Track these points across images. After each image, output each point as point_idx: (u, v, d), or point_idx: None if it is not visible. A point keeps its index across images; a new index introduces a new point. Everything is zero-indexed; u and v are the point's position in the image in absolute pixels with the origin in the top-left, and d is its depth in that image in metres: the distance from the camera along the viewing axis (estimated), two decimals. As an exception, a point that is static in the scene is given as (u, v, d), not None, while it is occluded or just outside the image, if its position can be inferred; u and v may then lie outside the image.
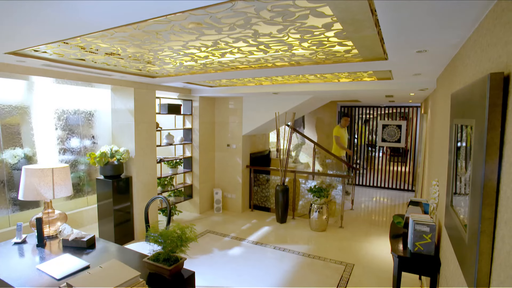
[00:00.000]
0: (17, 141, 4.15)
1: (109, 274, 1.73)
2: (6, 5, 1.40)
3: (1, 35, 1.92)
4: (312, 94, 4.85)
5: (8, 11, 1.48)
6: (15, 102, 4.11)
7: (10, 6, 1.41)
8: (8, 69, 2.91)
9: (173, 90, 4.80)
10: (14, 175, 4.10)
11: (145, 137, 4.45)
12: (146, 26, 1.71)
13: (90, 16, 1.52)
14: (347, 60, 2.55)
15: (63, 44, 2.15)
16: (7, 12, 1.49)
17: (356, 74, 3.36)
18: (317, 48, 2.21)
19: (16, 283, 1.89)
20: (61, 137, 4.66)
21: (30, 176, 2.56)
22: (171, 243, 1.98)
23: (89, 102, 4.96)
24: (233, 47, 2.19)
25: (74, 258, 2.22)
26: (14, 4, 1.39)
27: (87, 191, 5.05)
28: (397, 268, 2.28)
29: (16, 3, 1.39)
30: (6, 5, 1.40)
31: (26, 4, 1.39)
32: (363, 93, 4.64)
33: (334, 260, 3.88)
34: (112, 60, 2.77)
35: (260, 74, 3.32)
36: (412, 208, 2.69)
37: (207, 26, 1.69)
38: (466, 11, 1.29)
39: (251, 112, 5.61)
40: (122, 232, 4.24)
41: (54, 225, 2.70)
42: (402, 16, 1.38)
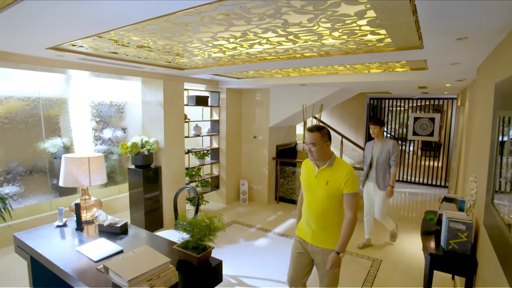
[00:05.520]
0: (57, 132, 4.41)
1: (141, 259, 1.81)
2: (48, 3, 1.47)
3: (43, 31, 2.03)
4: (340, 86, 4.72)
5: (49, 8, 1.55)
6: (55, 95, 4.35)
7: (51, 4, 1.48)
8: (49, 64, 3.08)
9: (201, 82, 4.86)
10: (54, 163, 4.36)
11: (174, 128, 4.56)
12: (176, 18, 1.73)
13: (124, 9, 1.56)
14: (379, 49, 2.45)
15: (97, 38, 2.23)
16: (49, 9, 1.57)
17: (388, 65, 3.22)
18: (348, 38, 2.13)
19: (59, 263, 2.03)
20: (95, 128, 4.89)
21: (69, 164, 2.71)
22: (200, 232, 2.03)
23: (120, 95, 5.15)
24: (262, 38, 2.17)
25: (109, 242, 2.34)
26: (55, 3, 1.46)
27: (119, 180, 5.28)
28: (428, 266, 2.20)
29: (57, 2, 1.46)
30: (48, 3, 1.47)
31: (66, 2, 1.45)
32: (394, 84, 4.45)
33: (361, 254, 3.82)
34: (143, 53, 2.84)
35: (288, 65, 3.27)
36: (446, 205, 2.57)
37: (237, 16, 1.69)
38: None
39: (278, 104, 5.58)
40: (151, 220, 4.40)
41: (91, 210, 2.85)
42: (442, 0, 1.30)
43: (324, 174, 2.05)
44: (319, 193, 2.06)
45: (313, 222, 2.12)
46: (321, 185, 2.04)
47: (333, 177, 2.01)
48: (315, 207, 2.09)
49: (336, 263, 1.99)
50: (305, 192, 2.17)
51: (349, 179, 1.96)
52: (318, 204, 2.08)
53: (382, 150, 3.76)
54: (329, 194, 2.02)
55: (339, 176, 1.99)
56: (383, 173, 3.78)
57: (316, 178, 2.08)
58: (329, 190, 2.01)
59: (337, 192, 2.00)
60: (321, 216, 2.08)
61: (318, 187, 2.06)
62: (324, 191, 2.03)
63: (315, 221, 2.10)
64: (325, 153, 2.03)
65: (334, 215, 2.07)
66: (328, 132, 2.09)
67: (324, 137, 2.03)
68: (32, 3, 1.49)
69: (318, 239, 2.11)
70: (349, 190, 1.97)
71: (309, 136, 2.03)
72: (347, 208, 2.00)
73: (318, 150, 2.01)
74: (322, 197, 2.05)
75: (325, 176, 2.04)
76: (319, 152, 2.01)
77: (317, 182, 2.07)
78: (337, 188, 1.99)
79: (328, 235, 2.08)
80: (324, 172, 2.05)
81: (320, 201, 2.07)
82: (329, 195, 2.02)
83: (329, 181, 2.01)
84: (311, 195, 2.12)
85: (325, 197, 2.04)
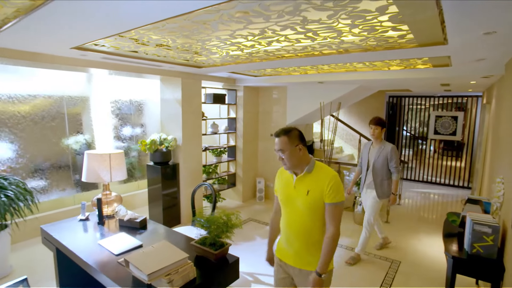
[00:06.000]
0: (79, 129, 4.56)
1: (160, 253, 1.84)
2: (73, 4, 1.52)
3: (68, 31, 2.09)
4: (359, 83, 4.64)
5: (75, 9, 1.60)
6: (77, 93, 4.49)
7: (77, 5, 1.53)
8: (73, 63, 3.18)
9: (218, 80, 4.89)
10: (77, 159, 4.52)
11: (191, 126, 4.62)
12: (195, 16, 1.75)
13: (145, 9, 1.59)
14: (400, 46, 2.39)
15: (119, 37, 2.29)
16: (74, 10, 1.62)
17: (409, 61, 3.13)
18: (368, 34, 2.09)
19: (82, 255, 2.10)
20: (115, 125, 5.02)
21: (91, 160, 2.80)
22: (217, 229, 2.05)
23: (139, 93, 5.26)
24: (280, 35, 2.16)
25: (129, 236, 2.40)
26: (81, 3, 1.51)
27: (137, 176, 5.41)
28: (451, 269, 2.13)
29: (82, 3, 1.50)
30: (73, 4, 1.52)
31: (91, 2, 1.49)
32: (415, 81, 4.33)
33: (379, 255, 3.75)
34: (162, 51, 2.89)
35: (306, 63, 3.24)
36: (470, 207, 2.48)
37: (255, 14, 1.68)
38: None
39: (295, 102, 5.54)
40: (169, 216, 4.48)
41: (111, 205, 2.94)
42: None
43: (304, 182, 1.74)
44: (299, 206, 1.74)
45: (295, 240, 1.78)
46: (301, 196, 1.72)
47: (315, 184, 1.70)
48: (297, 223, 1.76)
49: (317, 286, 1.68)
50: (283, 206, 1.85)
51: (333, 186, 1.65)
52: (300, 219, 1.75)
53: (380, 154, 3.42)
54: (311, 205, 1.69)
55: (321, 183, 1.68)
56: (380, 179, 3.44)
57: (295, 188, 1.76)
58: (311, 201, 1.69)
59: (320, 202, 1.69)
60: (304, 233, 1.75)
61: (297, 198, 1.74)
62: (305, 203, 1.71)
63: (297, 239, 1.77)
64: (299, 159, 1.72)
65: (320, 230, 1.74)
66: (300, 134, 1.76)
67: (294, 140, 1.71)
68: (59, 3, 1.54)
69: (302, 261, 1.78)
70: (331, 199, 1.65)
71: (276, 142, 1.74)
72: (328, 221, 1.68)
73: (288, 157, 1.70)
74: (303, 210, 1.73)
75: (305, 185, 1.73)
76: (291, 159, 1.71)
77: (297, 192, 1.75)
78: (319, 197, 1.68)
79: (314, 256, 1.75)
80: (304, 180, 1.74)
81: (301, 214, 1.74)
82: (311, 206, 1.70)
83: (310, 190, 1.70)
84: (291, 209, 1.79)
85: (307, 209, 1.71)
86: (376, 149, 3.47)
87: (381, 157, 3.41)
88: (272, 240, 2.05)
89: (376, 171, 3.44)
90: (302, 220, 1.75)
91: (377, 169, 3.44)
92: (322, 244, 1.71)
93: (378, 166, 3.43)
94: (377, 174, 3.44)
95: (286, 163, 1.73)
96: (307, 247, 1.77)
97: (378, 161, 3.42)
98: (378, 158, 3.43)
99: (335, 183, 1.67)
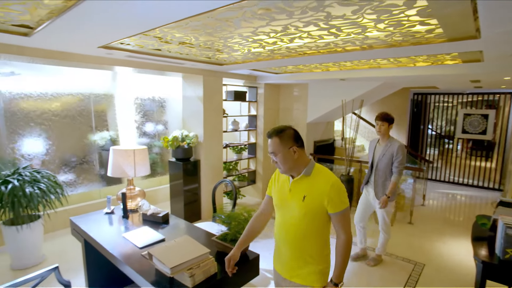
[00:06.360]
0: (105, 125, 4.72)
1: (182, 248, 1.88)
2: (102, 4, 1.57)
3: (96, 31, 2.17)
4: (383, 80, 4.52)
5: (103, 9, 1.65)
6: (103, 91, 4.65)
7: (105, 5, 1.58)
8: (99, 61, 3.29)
9: (239, 77, 4.91)
10: (102, 155, 4.68)
11: (213, 123, 4.67)
12: (218, 14, 1.76)
13: (170, 7, 1.62)
14: (428, 41, 2.30)
15: (143, 35, 2.34)
16: (103, 10, 1.67)
17: (437, 57, 3.02)
18: (394, 29, 2.03)
19: (108, 247, 2.18)
20: (138, 122, 5.15)
21: (117, 156, 2.89)
22: (238, 225, 2.06)
23: (161, 91, 5.38)
24: (303, 32, 2.14)
25: (152, 230, 2.46)
26: (109, 3, 1.55)
27: (159, 172, 5.54)
28: (480, 274, 2.04)
29: (110, 3, 1.55)
30: (102, 4, 1.57)
31: (117, 2, 1.53)
32: (443, 78, 4.16)
33: (402, 257, 3.65)
34: (184, 49, 2.93)
35: (328, 60, 3.19)
36: (502, 209, 2.36)
37: (278, 10, 1.67)
38: None
39: (316, 99, 5.48)
40: (190, 211, 4.57)
41: (135, 200, 3.02)
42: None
43: (300, 186, 1.57)
44: (294, 212, 1.58)
45: (286, 249, 1.64)
46: (297, 201, 1.56)
47: (312, 190, 1.54)
48: (290, 230, 1.61)
49: None
50: (277, 210, 1.70)
51: (335, 195, 1.50)
52: (293, 226, 1.59)
53: (385, 152, 3.17)
54: (307, 213, 1.54)
55: (319, 189, 1.52)
56: (383, 179, 3.20)
57: (290, 191, 1.60)
58: (307, 208, 1.53)
59: (318, 211, 1.53)
60: (296, 242, 1.60)
61: (292, 203, 1.58)
62: (300, 209, 1.55)
63: (289, 248, 1.63)
64: (295, 162, 1.55)
65: (315, 241, 1.59)
66: (294, 134, 1.58)
67: (287, 142, 1.54)
68: (89, 3, 1.59)
69: (293, 273, 1.64)
70: (336, 208, 1.52)
71: (268, 143, 1.58)
72: (339, 229, 1.57)
73: (282, 160, 1.54)
74: (298, 217, 1.56)
75: (301, 189, 1.57)
76: (284, 163, 1.54)
77: (292, 197, 1.59)
78: (317, 206, 1.52)
79: (302, 269, 1.60)
80: (300, 183, 1.58)
81: (295, 222, 1.58)
82: (307, 214, 1.54)
83: (306, 195, 1.54)
84: (285, 214, 1.63)
85: (302, 216, 1.55)
86: (382, 147, 3.23)
87: (387, 156, 3.17)
88: (243, 241, 1.80)
89: (380, 171, 3.22)
90: (295, 228, 1.59)
91: (381, 168, 3.21)
92: (315, 256, 1.59)
93: (382, 164, 3.20)
94: (381, 174, 3.22)
95: (280, 167, 1.58)
96: (297, 258, 1.61)
97: (383, 160, 3.19)
98: (383, 157, 3.19)
99: (336, 190, 1.51)
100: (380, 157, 3.21)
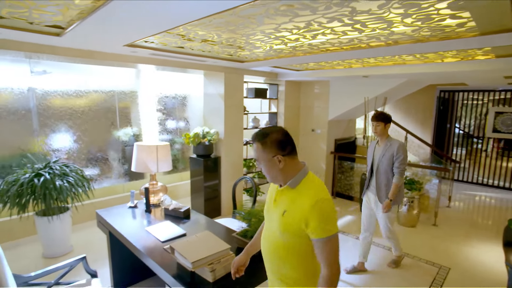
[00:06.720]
0: (128, 122, 4.85)
1: (203, 243, 1.91)
2: (129, 3, 1.61)
3: (122, 30, 2.23)
4: (407, 77, 4.37)
5: (130, 7, 1.70)
6: (127, 88, 4.78)
7: (131, 3, 1.62)
8: (124, 59, 3.38)
9: (260, 74, 4.91)
10: (125, 151, 4.83)
11: (233, 120, 4.70)
12: (241, 11, 1.76)
13: (194, 4, 1.63)
14: (459, 35, 2.21)
15: (167, 33, 2.38)
16: (129, 8, 1.71)
17: (467, 52, 2.88)
18: (422, 24, 1.96)
19: (132, 239, 2.25)
20: (160, 118, 5.26)
21: (140, 152, 2.97)
22: (258, 222, 2.07)
23: (182, 88, 5.46)
24: (326, 28, 2.10)
25: (173, 225, 2.51)
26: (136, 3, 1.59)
27: (180, 168, 5.64)
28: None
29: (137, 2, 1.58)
30: (129, 3, 1.61)
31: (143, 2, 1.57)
32: (473, 74, 3.97)
33: (425, 259, 3.53)
34: (207, 47, 2.96)
35: (351, 56, 3.13)
36: (536, 213, 2.23)
37: (302, 6, 1.65)
38: None
39: (338, 96, 5.39)
40: (210, 207, 4.63)
41: (157, 195, 3.09)
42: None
43: (284, 198, 1.35)
44: (274, 226, 1.37)
45: (268, 268, 1.47)
46: (278, 215, 1.35)
47: (293, 206, 1.30)
48: (269, 246, 1.41)
49: None
50: (265, 219, 1.51)
51: (314, 219, 1.23)
52: (273, 243, 1.39)
53: (385, 152, 2.98)
54: (285, 231, 1.31)
55: (299, 207, 1.27)
56: (385, 182, 3.00)
57: (275, 201, 1.39)
58: (285, 226, 1.31)
59: (296, 233, 1.29)
60: (274, 261, 1.40)
61: (274, 215, 1.37)
62: (279, 225, 1.33)
63: (270, 267, 1.45)
64: (281, 171, 1.32)
65: (296, 266, 1.35)
66: (280, 140, 1.31)
67: (270, 149, 1.30)
68: (117, 3, 1.64)
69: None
70: (315, 234, 1.24)
71: (253, 149, 1.38)
72: (320, 260, 1.29)
73: (265, 169, 1.35)
74: (277, 233, 1.36)
75: (284, 202, 1.34)
76: (268, 172, 1.35)
77: (275, 208, 1.39)
78: (296, 226, 1.28)
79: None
80: (284, 195, 1.36)
81: (274, 238, 1.38)
82: (285, 232, 1.32)
83: (287, 210, 1.31)
84: (268, 227, 1.45)
85: (280, 234, 1.33)
86: (381, 148, 3.03)
87: (387, 157, 2.97)
88: (251, 247, 1.69)
89: (381, 173, 3.02)
90: (274, 245, 1.39)
91: (382, 171, 3.01)
92: (299, 281, 1.36)
93: (383, 167, 3.00)
94: (382, 177, 3.02)
95: (266, 176, 1.38)
96: (277, 279, 1.42)
97: (383, 162, 2.99)
98: (383, 158, 3.00)
99: (318, 213, 1.23)
100: (380, 158, 3.02)
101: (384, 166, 2.99)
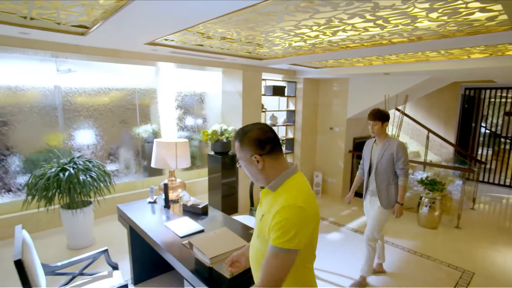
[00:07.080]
0: (148, 119, 4.95)
1: (221, 239, 1.93)
2: (148, 3, 1.64)
3: (144, 28, 2.27)
4: (430, 74, 4.23)
5: (151, 6, 1.72)
6: (146, 86, 4.88)
7: (152, 4, 1.64)
8: (145, 57, 3.45)
9: (278, 72, 4.89)
10: (145, 147, 4.93)
11: (251, 118, 4.70)
12: (261, 8, 1.75)
13: (214, 2, 1.64)
14: (488, 30, 2.11)
15: (187, 31, 2.41)
16: (151, 7, 1.74)
17: (497, 47, 2.75)
18: (448, 19, 1.88)
19: (152, 234, 2.30)
20: (179, 116, 5.34)
21: (160, 148, 3.03)
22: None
23: (200, 85, 5.51)
24: (347, 24, 2.06)
25: (191, 221, 2.55)
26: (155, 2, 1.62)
27: (198, 165, 5.71)
28: (541, 287, 1.85)
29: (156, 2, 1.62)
30: (148, 3, 1.64)
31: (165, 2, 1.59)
32: (503, 70, 3.78)
33: (447, 263, 3.42)
34: (226, 44, 2.97)
35: (371, 53, 3.06)
36: None
37: (323, 3, 1.62)
38: None
39: (357, 94, 5.29)
40: (227, 204, 4.66)
41: (176, 191, 3.15)
42: None
43: (265, 201, 1.26)
44: (255, 231, 1.30)
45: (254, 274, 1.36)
46: (257, 219, 1.27)
47: (269, 210, 1.18)
48: (251, 251, 1.34)
49: None
50: None
51: (279, 222, 1.09)
52: (253, 249, 1.32)
53: (383, 152, 2.80)
54: (259, 236, 1.23)
55: (271, 212, 1.15)
56: (385, 184, 2.83)
57: (260, 204, 1.32)
58: (260, 230, 1.22)
59: (266, 239, 1.18)
60: (255, 268, 1.31)
61: (257, 218, 1.28)
62: (256, 229, 1.27)
63: (253, 273, 1.36)
64: (261, 172, 1.22)
65: None
66: (258, 140, 1.19)
67: (248, 148, 1.20)
68: (139, 2, 1.67)
69: None
70: (272, 239, 1.11)
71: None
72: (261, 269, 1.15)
73: (246, 170, 1.26)
74: (255, 238, 1.29)
75: (264, 205, 1.25)
76: (249, 173, 1.26)
77: (258, 211, 1.31)
78: (266, 232, 1.17)
79: None
80: (266, 198, 1.26)
81: (254, 244, 1.31)
82: (259, 237, 1.23)
83: (264, 215, 1.21)
84: (255, 229, 1.34)
85: (256, 239, 1.27)
86: (379, 148, 2.85)
87: (386, 157, 2.79)
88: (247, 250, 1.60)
89: (380, 174, 2.84)
90: (254, 251, 1.31)
91: (382, 172, 2.84)
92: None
93: (382, 167, 2.82)
94: (382, 178, 2.84)
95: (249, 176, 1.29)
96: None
97: (382, 162, 2.81)
98: (381, 159, 2.82)
99: (282, 217, 1.09)
100: (379, 159, 2.84)
101: (384, 167, 2.82)
